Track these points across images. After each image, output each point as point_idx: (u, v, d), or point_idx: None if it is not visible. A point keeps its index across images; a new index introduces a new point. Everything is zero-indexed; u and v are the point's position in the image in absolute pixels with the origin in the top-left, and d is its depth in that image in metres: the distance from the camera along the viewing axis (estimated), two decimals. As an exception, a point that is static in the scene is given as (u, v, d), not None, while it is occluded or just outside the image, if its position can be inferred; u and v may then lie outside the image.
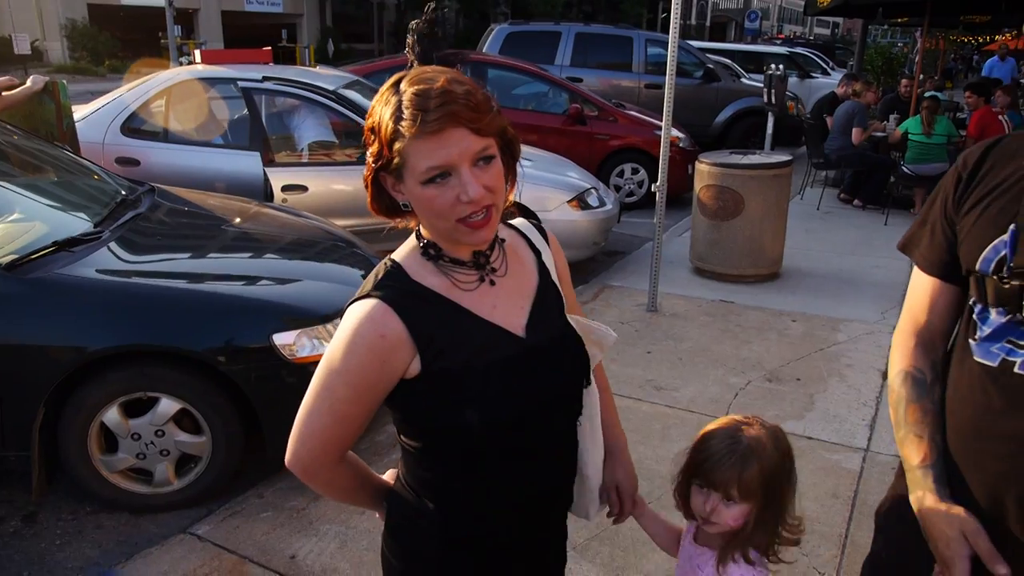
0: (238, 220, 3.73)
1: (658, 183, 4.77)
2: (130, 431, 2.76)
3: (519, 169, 1.23)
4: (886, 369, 1.75)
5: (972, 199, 1.23)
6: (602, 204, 5.69)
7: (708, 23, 49.50)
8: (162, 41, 19.69)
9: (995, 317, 1.17)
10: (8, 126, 3.97)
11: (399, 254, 1.21)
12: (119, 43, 24.01)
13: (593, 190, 5.73)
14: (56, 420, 2.71)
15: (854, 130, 7.91)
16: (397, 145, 1.06)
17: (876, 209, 7.89)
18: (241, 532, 2.73)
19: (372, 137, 1.12)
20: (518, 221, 1.35)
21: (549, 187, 5.48)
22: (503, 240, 1.25)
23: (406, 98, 1.05)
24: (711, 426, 1.35)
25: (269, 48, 5.70)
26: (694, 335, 4.58)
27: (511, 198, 1.26)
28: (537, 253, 1.31)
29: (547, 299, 1.27)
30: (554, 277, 1.32)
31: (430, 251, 1.18)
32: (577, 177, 5.90)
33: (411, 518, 1.27)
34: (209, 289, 2.90)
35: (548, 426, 1.24)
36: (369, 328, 1.12)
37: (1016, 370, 1.13)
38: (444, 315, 1.15)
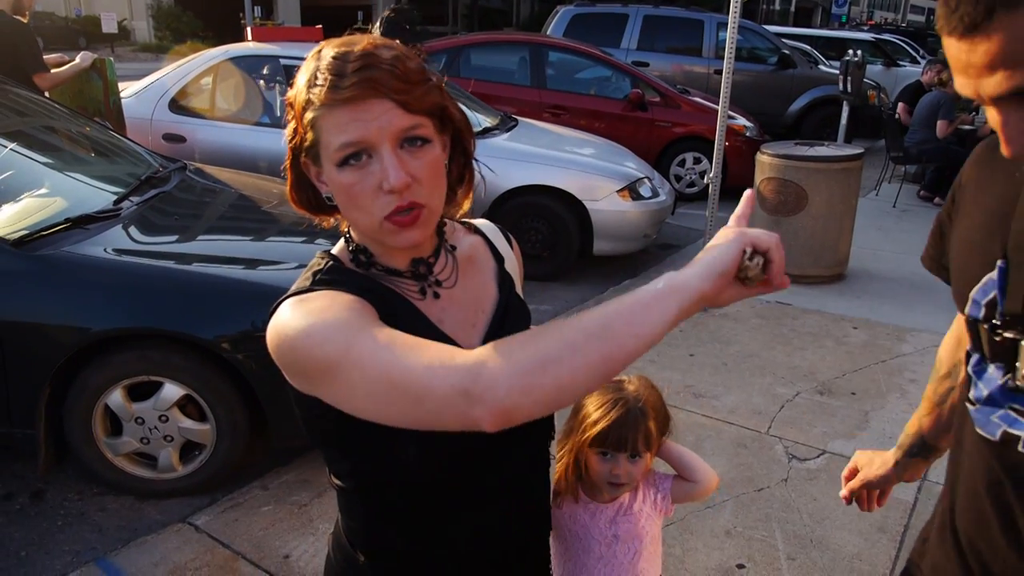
0: (269, 202, 3.64)
1: (711, 174, 4.48)
2: (133, 415, 2.70)
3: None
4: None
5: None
6: (655, 195, 5.41)
7: (793, 8, 47.52)
8: (242, 21, 20.13)
9: (993, 373, 0.92)
10: (51, 103, 3.99)
11: (335, 249, 1.04)
12: (201, 23, 24.70)
13: (646, 180, 5.45)
14: (62, 400, 2.68)
15: (939, 122, 7.34)
16: (308, 115, 0.89)
17: (960, 208, 7.32)
18: (239, 525, 2.64)
19: (290, 112, 0.95)
20: (482, 222, 1.16)
21: (599, 175, 5.24)
22: (453, 247, 1.06)
23: (323, 63, 0.89)
24: (589, 403, 1.40)
25: (320, 26, 5.62)
26: (743, 339, 4.28)
27: (466, 205, 1.07)
28: (500, 260, 1.11)
29: (509, 315, 1.06)
30: (518, 288, 1.13)
31: (361, 258, 1.00)
32: (632, 166, 5.63)
33: (342, 571, 1.11)
34: (219, 273, 2.79)
35: (507, 465, 1.04)
36: (329, 294, 0.90)
37: (1020, 448, 0.88)
38: (397, 311, 0.95)
